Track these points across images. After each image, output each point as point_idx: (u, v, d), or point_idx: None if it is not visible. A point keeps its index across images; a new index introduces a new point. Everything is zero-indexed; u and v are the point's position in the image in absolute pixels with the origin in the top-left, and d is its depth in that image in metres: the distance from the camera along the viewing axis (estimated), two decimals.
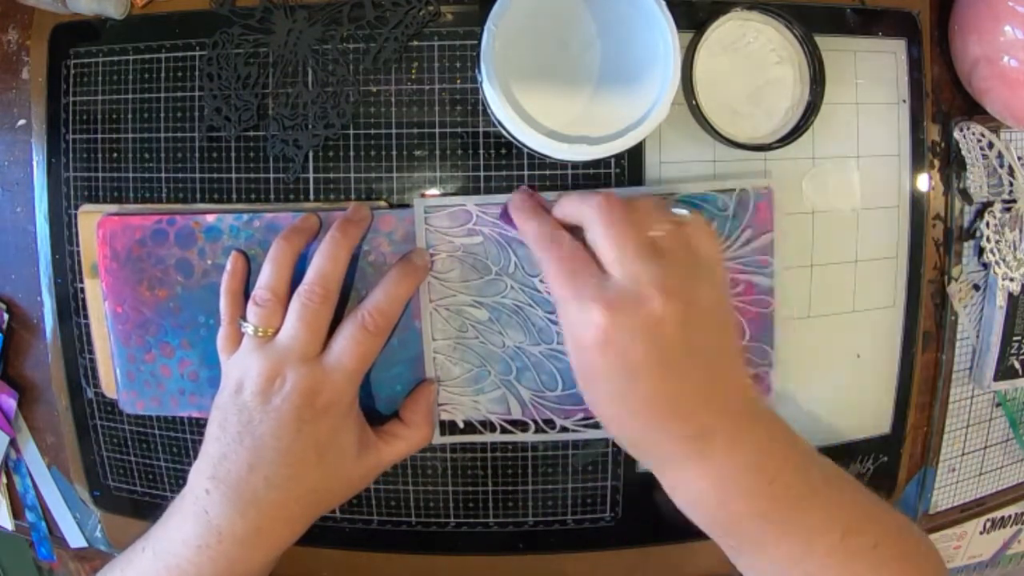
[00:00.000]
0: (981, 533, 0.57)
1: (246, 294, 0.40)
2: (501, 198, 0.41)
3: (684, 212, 0.36)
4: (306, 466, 0.36)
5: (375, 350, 0.38)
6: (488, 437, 0.43)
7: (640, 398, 0.33)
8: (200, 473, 0.36)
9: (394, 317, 0.38)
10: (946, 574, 0.37)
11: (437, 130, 0.42)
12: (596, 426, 0.44)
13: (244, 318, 0.38)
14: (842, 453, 0.47)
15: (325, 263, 0.37)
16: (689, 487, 0.34)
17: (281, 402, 0.36)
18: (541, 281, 0.41)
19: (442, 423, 0.43)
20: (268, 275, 0.38)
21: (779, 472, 0.33)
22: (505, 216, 0.39)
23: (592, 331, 0.32)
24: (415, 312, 0.41)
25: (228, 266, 0.40)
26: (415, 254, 0.40)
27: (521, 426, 0.43)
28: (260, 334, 0.37)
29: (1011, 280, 0.47)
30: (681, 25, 0.38)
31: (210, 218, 0.41)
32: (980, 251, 0.47)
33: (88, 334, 0.45)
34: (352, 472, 0.38)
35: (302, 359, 0.36)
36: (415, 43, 0.42)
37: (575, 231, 0.36)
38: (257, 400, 0.36)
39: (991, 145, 0.46)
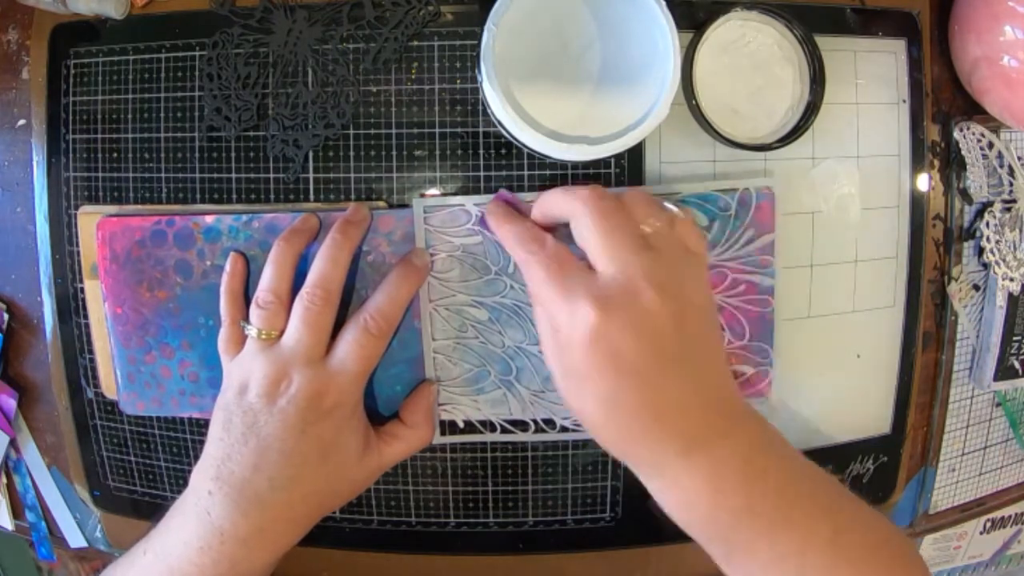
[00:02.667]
0: (981, 533, 0.57)
1: (247, 295, 0.40)
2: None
3: (674, 208, 0.36)
4: (310, 467, 0.36)
5: (379, 352, 0.38)
6: (488, 437, 0.43)
7: (632, 398, 0.32)
8: (203, 474, 0.36)
9: (396, 319, 0.38)
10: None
11: (437, 130, 0.42)
12: None
13: (247, 320, 0.38)
14: (842, 453, 0.47)
15: (326, 265, 0.37)
16: (682, 487, 0.33)
17: (287, 404, 0.36)
18: None
19: (442, 423, 0.43)
20: (270, 277, 0.38)
21: (770, 468, 0.33)
22: (483, 222, 0.39)
23: (582, 329, 0.31)
24: (415, 312, 0.41)
25: (227, 267, 0.40)
26: (415, 255, 0.40)
27: (521, 426, 0.43)
28: (264, 336, 0.37)
29: (1011, 280, 0.47)
30: (681, 25, 0.38)
31: (209, 219, 0.41)
32: (980, 251, 0.47)
33: (88, 334, 0.45)
34: (355, 473, 0.38)
35: (307, 362, 0.36)
36: (415, 43, 0.42)
37: (553, 232, 0.35)
38: (263, 402, 0.36)
39: (991, 145, 0.46)
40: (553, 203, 0.35)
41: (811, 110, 0.41)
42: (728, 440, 0.33)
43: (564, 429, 0.43)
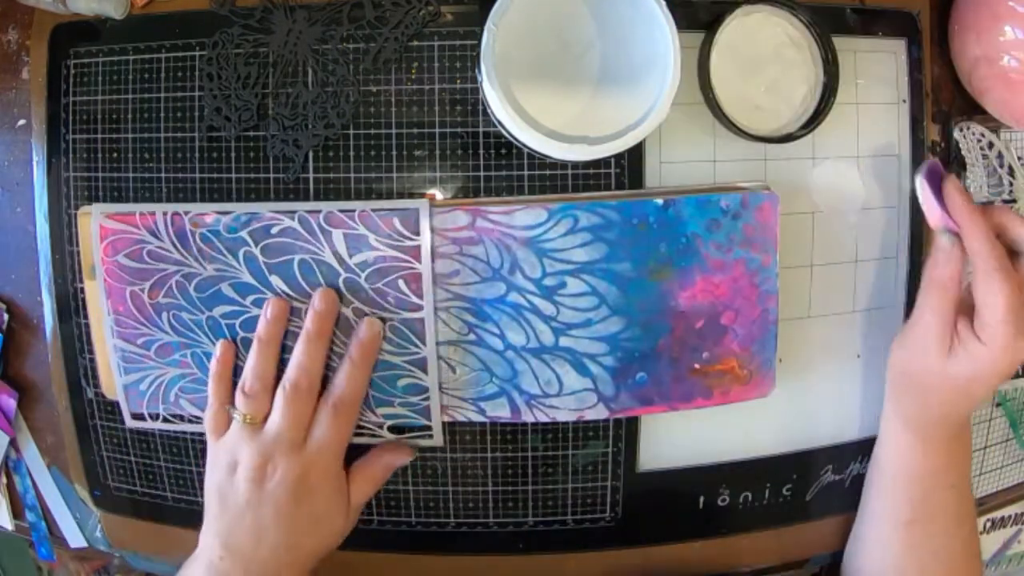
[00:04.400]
0: (981, 533, 0.57)
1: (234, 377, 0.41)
2: (502, 199, 0.41)
3: None
4: (306, 535, 0.39)
5: (350, 427, 0.40)
6: (488, 438, 0.43)
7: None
8: (212, 539, 0.39)
9: (359, 397, 0.41)
10: None
11: (437, 130, 0.42)
12: (595, 429, 0.44)
13: (232, 404, 0.40)
14: (842, 453, 0.47)
15: (304, 359, 0.39)
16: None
17: (275, 487, 0.38)
18: (540, 283, 0.41)
19: (443, 424, 0.43)
20: (254, 365, 0.40)
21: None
22: (931, 178, 0.39)
23: (1007, 364, 0.37)
24: (416, 310, 0.41)
25: (217, 352, 0.41)
26: (363, 330, 0.40)
27: (521, 428, 0.43)
28: (249, 421, 0.39)
29: None
30: (681, 25, 0.38)
31: (208, 218, 0.41)
32: None
33: (88, 334, 0.45)
34: (344, 530, 0.41)
35: (290, 448, 0.39)
36: (415, 43, 0.42)
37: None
38: (253, 486, 0.38)
39: (991, 145, 0.46)
40: (1014, 227, 0.38)
41: (829, 92, 0.41)
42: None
43: (564, 431, 0.43)
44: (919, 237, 0.46)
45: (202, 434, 0.41)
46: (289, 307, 0.41)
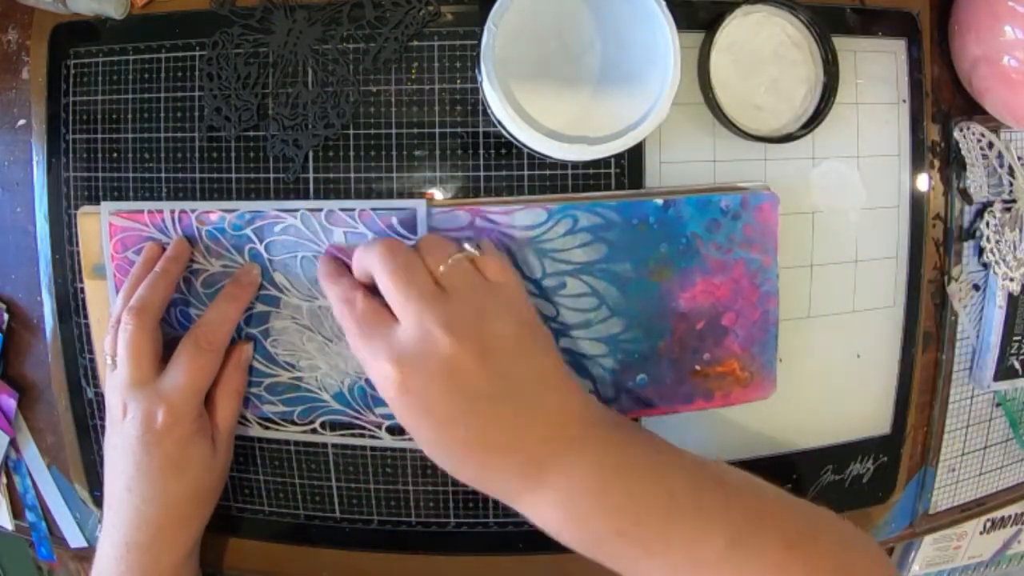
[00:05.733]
0: (981, 533, 0.57)
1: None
2: (501, 199, 0.41)
3: (471, 248, 0.35)
4: (169, 480, 0.38)
5: (212, 366, 0.39)
6: None
7: (457, 443, 0.32)
8: (105, 489, 0.39)
9: (227, 333, 0.40)
10: (886, 563, 0.36)
11: (437, 130, 0.42)
12: None
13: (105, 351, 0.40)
14: (842, 453, 0.47)
15: (144, 289, 0.39)
16: (540, 516, 0.33)
17: (129, 428, 0.38)
18: (540, 284, 0.41)
19: None
20: (116, 306, 0.40)
21: (634, 487, 0.32)
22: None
23: (389, 387, 0.32)
24: None
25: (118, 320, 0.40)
26: (243, 272, 0.41)
27: None
28: (110, 363, 0.39)
29: (1011, 280, 0.47)
30: (681, 25, 0.38)
31: (213, 216, 0.41)
32: (980, 251, 0.47)
33: (88, 334, 0.45)
34: (216, 466, 0.40)
35: (136, 385, 0.38)
36: (415, 43, 0.42)
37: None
38: (115, 427, 0.38)
39: (991, 145, 0.46)
40: (359, 261, 0.35)
41: (829, 92, 0.41)
42: (573, 466, 0.32)
43: None
44: (919, 237, 0.46)
45: None
46: (161, 250, 0.40)
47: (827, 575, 0.32)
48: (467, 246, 0.35)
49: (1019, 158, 0.47)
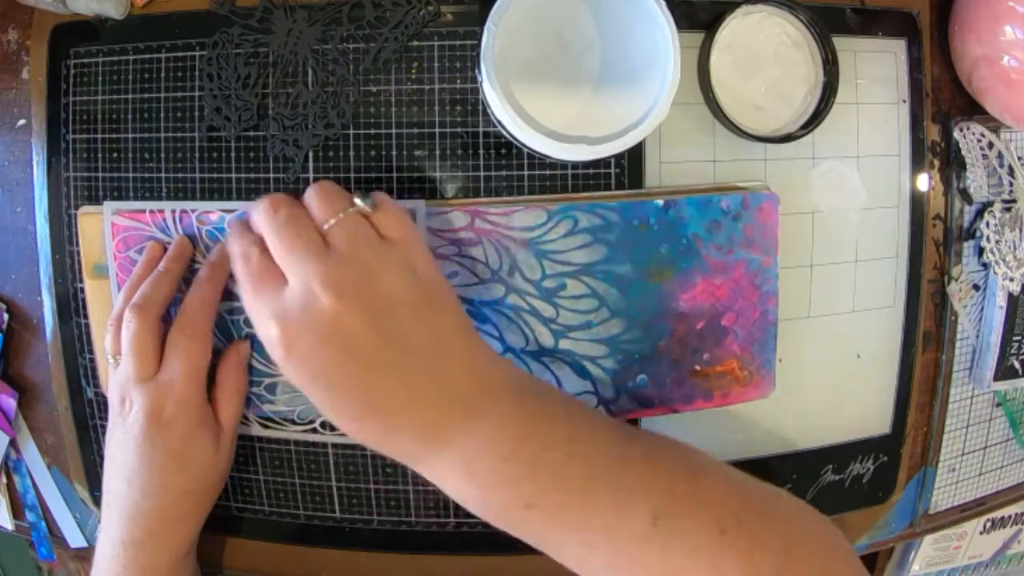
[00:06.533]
0: (981, 533, 0.57)
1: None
2: (501, 200, 0.41)
3: (362, 202, 0.33)
4: (171, 474, 0.38)
5: (202, 353, 0.39)
6: None
7: (347, 404, 0.31)
8: (103, 487, 0.39)
9: (209, 317, 0.39)
10: (842, 553, 0.33)
11: (437, 130, 0.42)
12: None
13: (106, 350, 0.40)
14: (842, 453, 0.47)
15: (146, 287, 0.39)
16: (443, 483, 0.32)
17: (133, 421, 0.38)
18: (540, 285, 0.41)
19: None
20: (117, 305, 0.40)
21: (542, 455, 0.30)
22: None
23: (274, 347, 0.31)
24: None
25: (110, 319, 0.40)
26: (215, 252, 0.40)
27: None
28: (113, 360, 0.39)
29: (1011, 280, 0.47)
30: (681, 25, 0.38)
31: (213, 216, 0.41)
32: (980, 251, 0.47)
33: (88, 334, 0.45)
34: (219, 462, 0.40)
35: (140, 380, 0.38)
36: (415, 43, 0.42)
37: None
38: (117, 422, 0.38)
39: (991, 145, 0.46)
40: (251, 218, 0.35)
41: (829, 92, 0.41)
42: (477, 431, 0.30)
43: None
44: (919, 237, 0.46)
45: None
46: (163, 250, 0.40)
47: (767, 569, 0.29)
48: (358, 200, 0.33)
49: (1019, 158, 0.47)
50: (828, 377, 0.46)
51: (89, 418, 0.46)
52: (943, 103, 0.46)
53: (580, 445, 0.31)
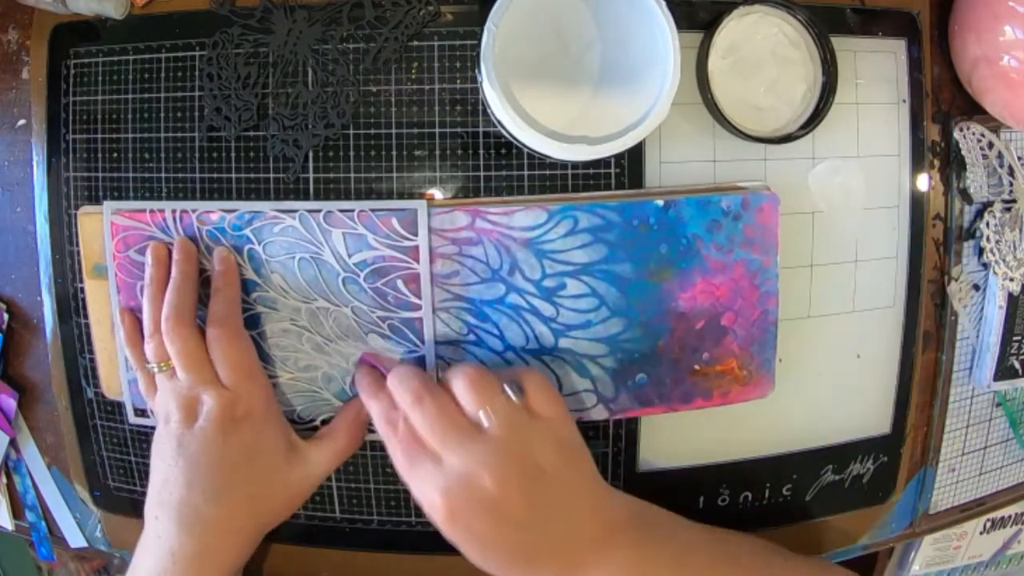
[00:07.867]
0: (981, 533, 0.57)
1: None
2: (501, 200, 0.41)
3: (512, 392, 0.36)
4: (239, 473, 0.38)
5: (247, 347, 0.40)
6: None
7: (498, 557, 0.35)
8: (149, 502, 0.39)
9: (237, 315, 0.40)
10: None
11: (437, 130, 0.42)
12: (595, 429, 0.44)
13: (147, 360, 0.40)
14: (842, 453, 0.47)
15: (173, 295, 0.39)
16: None
17: (204, 422, 0.38)
18: (540, 284, 0.41)
19: None
20: (148, 312, 0.40)
21: (656, 571, 0.37)
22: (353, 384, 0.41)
23: (436, 515, 0.35)
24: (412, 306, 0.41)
25: (118, 322, 0.42)
26: (217, 262, 0.41)
27: None
28: (163, 368, 0.39)
29: (1011, 280, 0.47)
30: (681, 25, 0.38)
31: (213, 216, 0.41)
32: (980, 251, 0.47)
33: (88, 334, 0.45)
34: (287, 476, 0.40)
35: (207, 384, 0.38)
36: (415, 43, 0.42)
37: None
38: (184, 426, 0.38)
39: (991, 145, 0.46)
40: (394, 394, 0.37)
41: (828, 91, 0.41)
42: (605, 563, 0.36)
43: None
44: (919, 237, 0.46)
45: None
46: (167, 249, 0.41)
47: None
48: (507, 389, 0.36)
49: (1019, 158, 0.47)
50: (828, 377, 0.46)
51: (89, 418, 0.46)
52: (943, 103, 0.46)
53: (681, 551, 0.38)
